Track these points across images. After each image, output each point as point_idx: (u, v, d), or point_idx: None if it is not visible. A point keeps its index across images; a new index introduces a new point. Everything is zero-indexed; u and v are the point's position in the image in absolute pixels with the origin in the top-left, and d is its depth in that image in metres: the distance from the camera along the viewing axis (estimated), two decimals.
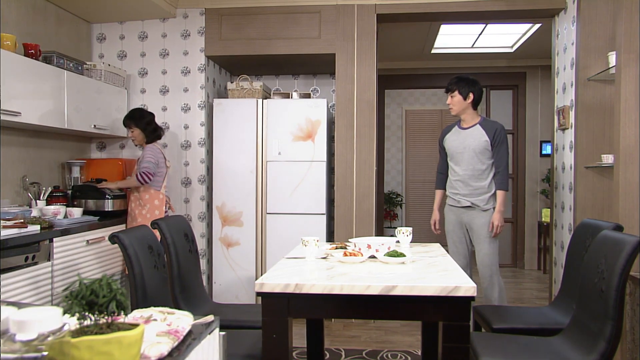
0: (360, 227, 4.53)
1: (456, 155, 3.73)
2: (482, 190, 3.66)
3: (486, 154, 3.66)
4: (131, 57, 4.72)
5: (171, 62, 4.69)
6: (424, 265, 2.52)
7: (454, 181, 3.76)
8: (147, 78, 4.71)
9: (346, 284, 2.10)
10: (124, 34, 4.72)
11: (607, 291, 2.07)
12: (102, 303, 0.94)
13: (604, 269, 2.14)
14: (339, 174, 4.56)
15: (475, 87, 3.74)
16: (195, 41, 4.67)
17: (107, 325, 0.97)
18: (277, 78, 5.51)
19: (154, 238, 2.67)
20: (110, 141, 4.72)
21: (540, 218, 6.95)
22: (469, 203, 3.68)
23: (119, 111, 4.49)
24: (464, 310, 2.02)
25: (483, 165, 3.66)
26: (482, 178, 3.66)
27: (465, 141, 3.70)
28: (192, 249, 3.09)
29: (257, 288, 2.15)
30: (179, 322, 1.26)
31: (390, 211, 8.62)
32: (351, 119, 4.54)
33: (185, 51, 4.67)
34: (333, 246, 2.91)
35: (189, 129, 4.68)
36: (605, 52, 3.81)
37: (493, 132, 3.67)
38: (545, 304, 5.21)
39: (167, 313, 1.30)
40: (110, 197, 3.98)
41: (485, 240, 3.65)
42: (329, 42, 4.56)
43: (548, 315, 2.87)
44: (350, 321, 4.53)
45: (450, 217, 3.83)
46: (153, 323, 1.24)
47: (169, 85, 4.69)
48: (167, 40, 4.68)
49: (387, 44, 5.97)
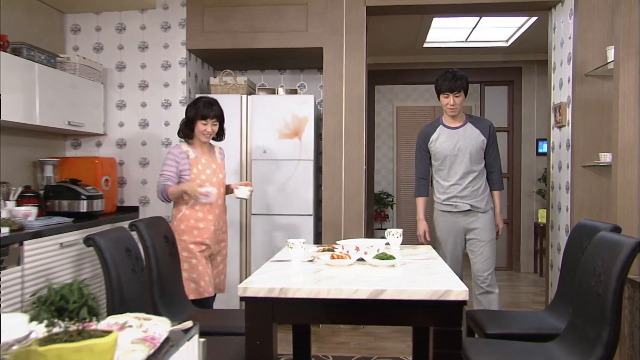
0: (350, 228, 4.53)
1: (450, 157, 3.63)
2: (480, 191, 3.63)
3: (481, 153, 3.64)
4: (108, 49, 4.68)
5: (151, 56, 4.66)
6: (415, 268, 2.52)
7: (448, 185, 3.66)
8: (125, 72, 4.67)
9: (333, 287, 2.10)
10: (100, 25, 4.68)
11: (605, 295, 2.09)
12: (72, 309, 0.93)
13: (601, 272, 2.16)
14: (327, 173, 4.56)
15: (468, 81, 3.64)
16: (176, 34, 4.64)
17: (77, 333, 0.95)
18: (262, 73, 5.50)
19: (131, 240, 2.66)
20: (86, 139, 4.68)
21: (536, 219, 6.99)
22: (469, 206, 3.62)
23: (95, 106, 4.45)
24: (456, 315, 2.02)
25: (479, 166, 3.63)
26: (479, 179, 3.64)
27: (460, 141, 3.62)
28: (172, 251, 3.07)
29: (240, 292, 2.14)
30: (155, 328, 1.25)
31: (381, 212, 8.64)
32: (340, 116, 4.54)
33: (165, 44, 4.65)
34: (320, 249, 2.91)
35: (169, 126, 4.65)
36: (604, 46, 3.83)
37: (488, 131, 3.64)
38: (541, 308, 5.25)
39: (144, 319, 1.29)
40: (85, 197, 3.95)
41: (488, 244, 3.62)
42: (316, 36, 4.55)
43: (544, 320, 2.89)
44: (339, 327, 4.53)
45: (443, 224, 3.71)
46: (128, 330, 1.23)
47: (148, 80, 4.66)
48: (147, 32, 4.65)
49: (377, 37, 5.98)
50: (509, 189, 7.23)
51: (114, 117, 4.67)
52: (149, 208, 4.66)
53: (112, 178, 4.49)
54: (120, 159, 4.67)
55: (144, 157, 4.67)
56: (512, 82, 7.15)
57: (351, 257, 2.62)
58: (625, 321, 3.14)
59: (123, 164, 4.67)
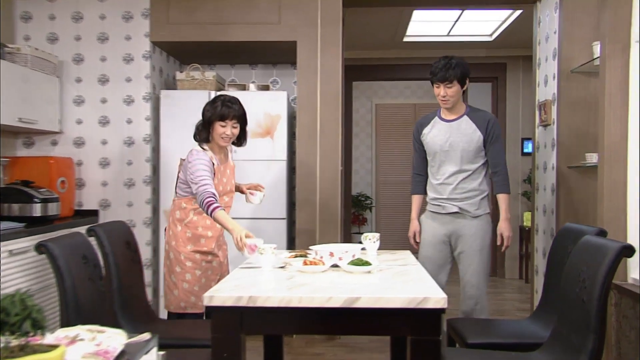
0: (325, 233, 4.52)
1: (440, 154, 3.45)
2: (472, 194, 3.42)
3: (477, 151, 3.42)
4: (64, 40, 4.60)
5: (111, 48, 4.59)
6: (392, 274, 2.53)
7: (436, 184, 3.49)
8: (83, 65, 4.60)
9: (305, 295, 2.09)
10: (54, 13, 4.60)
11: (589, 301, 2.12)
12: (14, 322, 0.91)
13: (586, 278, 2.18)
14: (301, 174, 4.55)
15: (469, 68, 3.43)
16: (138, 25, 4.59)
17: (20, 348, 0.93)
18: (232, 68, 5.47)
19: (89, 247, 2.62)
20: (39, 137, 4.60)
21: (522, 222, 7.07)
22: (457, 209, 3.42)
23: (50, 102, 4.37)
24: (434, 324, 2.03)
25: (473, 165, 3.42)
26: (473, 179, 3.43)
27: (452, 136, 3.42)
28: (135, 258, 3.05)
29: (205, 302, 2.12)
30: (109, 341, 1.23)
31: (359, 215, 8.66)
32: (314, 113, 4.54)
33: (127, 36, 4.59)
34: (292, 254, 2.90)
35: (132, 123, 4.60)
36: (590, 41, 3.88)
37: (485, 126, 3.40)
38: (526, 315, 5.31)
39: (97, 332, 1.27)
40: (38, 200, 3.88)
41: (476, 254, 3.39)
42: (289, 29, 4.55)
43: (527, 328, 2.92)
44: (314, 337, 4.52)
45: (429, 227, 3.54)
46: (79, 343, 1.20)
47: (108, 74, 4.60)
48: (107, 22, 4.59)
49: (355, 31, 6.00)
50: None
51: (71, 113, 4.59)
52: (109, 212, 4.60)
53: (69, 179, 4.42)
54: (78, 159, 4.60)
55: (104, 157, 4.60)
56: (496, 79, 7.23)
57: (325, 264, 2.61)
58: (612, 329, 3.19)
59: (81, 165, 4.60)
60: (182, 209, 3.24)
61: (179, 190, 3.28)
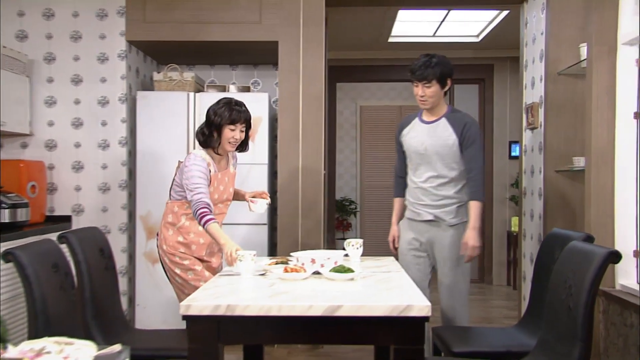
0: (308, 239, 4.52)
1: (416, 157, 3.39)
2: (448, 201, 3.32)
3: (454, 156, 3.31)
4: (34, 38, 4.55)
5: (85, 47, 4.56)
6: (375, 281, 2.54)
7: (413, 187, 3.42)
8: (55, 65, 4.56)
9: (285, 304, 2.09)
10: (23, 10, 4.54)
11: (576, 309, 2.14)
12: None
13: (572, 285, 2.20)
14: (283, 178, 4.55)
15: (451, 68, 3.34)
16: (114, 23, 4.56)
17: None
18: (212, 68, 5.46)
19: (60, 254, 2.60)
20: (8, 139, 4.55)
21: (509, 227, 7.12)
22: (432, 216, 3.34)
23: (19, 103, 4.32)
24: (418, 333, 2.03)
25: (451, 171, 3.32)
26: (450, 186, 3.32)
27: (428, 139, 3.34)
28: (109, 266, 3.02)
29: (182, 310, 2.11)
30: (77, 353, 1.22)
31: (343, 220, 8.67)
32: (297, 116, 4.54)
33: (102, 34, 4.56)
34: (273, 261, 2.90)
35: (107, 126, 4.57)
36: (578, 43, 3.93)
37: (461, 128, 3.29)
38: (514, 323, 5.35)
39: (65, 344, 1.26)
40: (7, 206, 3.84)
41: (452, 266, 3.30)
42: (271, 28, 4.54)
43: (514, 336, 2.94)
44: (296, 346, 4.51)
45: (406, 234, 3.48)
46: (45, 356, 1.19)
47: (82, 74, 4.56)
48: (80, 20, 4.55)
49: (338, 31, 6.01)
50: None
51: (42, 115, 4.55)
52: (83, 217, 4.56)
53: (40, 184, 4.37)
54: (49, 163, 4.55)
55: (77, 160, 4.56)
56: (483, 81, 7.29)
57: (306, 271, 2.61)
58: (600, 337, 3.22)
59: (53, 168, 4.56)
60: (174, 212, 3.21)
61: (173, 192, 3.25)
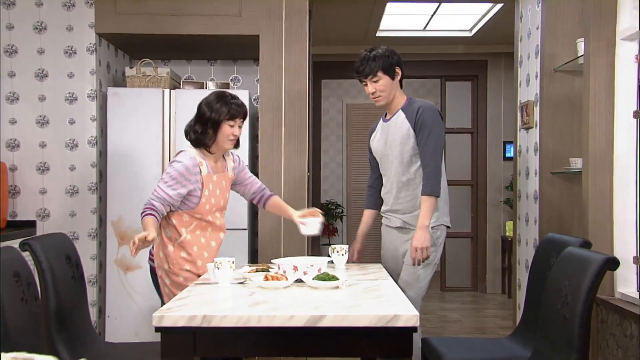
0: (291, 244, 4.51)
1: (383, 159, 3.38)
2: (415, 203, 3.23)
3: (413, 148, 3.21)
4: None
5: (50, 39, 4.52)
6: (361, 289, 2.55)
7: (384, 193, 3.43)
8: (16, 58, 4.51)
9: (265, 314, 2.09)
10: None
11: (571, 318, 2.16)
12: None
13: (568, 293, 2.23)
14: (264, 180, 4.52)
15: (398, 57, 3.27)
16: (82, 14, 4.52)
17: None
18: (189, 64, 5.44)
19: (22, 263, 2.57)
20: None
21: (504, 232, 7.15)
22: (400, 222, 3.30)
23: None
24: (405, 344, 2.05)
25: (414, 166, 3.23)
26: (414, 186, 3.23)
27: (388, 137, 3.31)
28: (77, 275, 3.00)
29: (155, 322, 2.12)
30: None
31: (329, 225, 8.68)
32: (279, 114, 4.54)
33: (69, 26, 4.53)
34: (253, 269, 2.90)
35: (75, 124, 4.53)
36: (575, 38, 3.95)
37: (414, 114, 3.19)
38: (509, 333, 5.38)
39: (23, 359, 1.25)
40: None
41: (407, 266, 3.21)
42: (251, 21, 4.54)
43: (508, 347, 2.96)
44: (277, 359, 4.51)
45: (385, 240, 3.49)
46: None
47: (47, 68, 4.52)
48: (44, 10, 4.51)
49: (323, 25, 6.02)
50: (473, 199, 7.39)
51: (2, 112, 4.50)
52: (49, 223, 4.51)
53: (1, 186, 4.32)
54: (11, 164, 4.50)
55: (42, 161, 4.52)
56: (476, 77, 7.33)
57: (288, 279, 2.62)
58: (598, 348, 3.25)
59: (15, 170, 4.51)
60: (173, 225, 3.06)
61: None
